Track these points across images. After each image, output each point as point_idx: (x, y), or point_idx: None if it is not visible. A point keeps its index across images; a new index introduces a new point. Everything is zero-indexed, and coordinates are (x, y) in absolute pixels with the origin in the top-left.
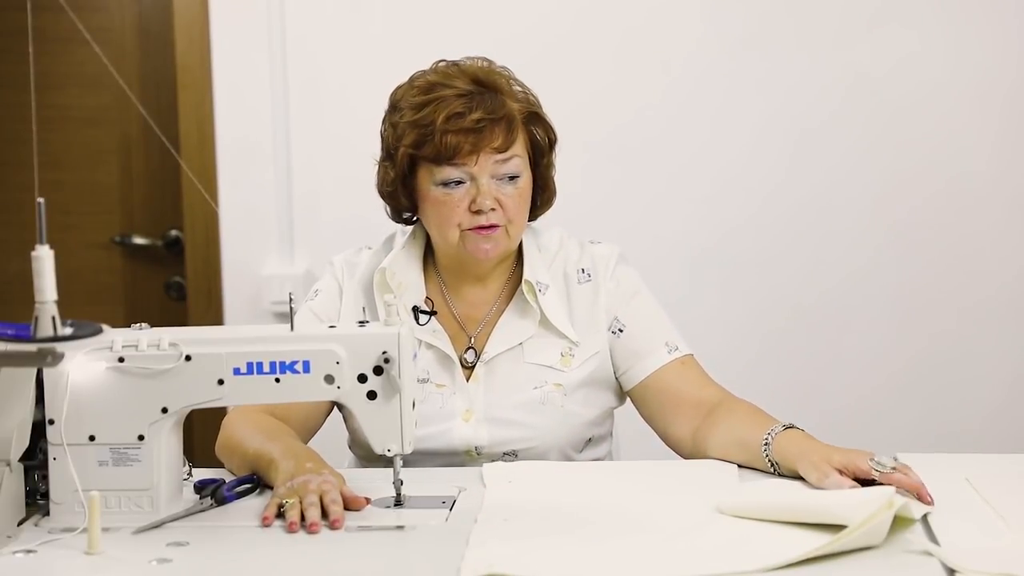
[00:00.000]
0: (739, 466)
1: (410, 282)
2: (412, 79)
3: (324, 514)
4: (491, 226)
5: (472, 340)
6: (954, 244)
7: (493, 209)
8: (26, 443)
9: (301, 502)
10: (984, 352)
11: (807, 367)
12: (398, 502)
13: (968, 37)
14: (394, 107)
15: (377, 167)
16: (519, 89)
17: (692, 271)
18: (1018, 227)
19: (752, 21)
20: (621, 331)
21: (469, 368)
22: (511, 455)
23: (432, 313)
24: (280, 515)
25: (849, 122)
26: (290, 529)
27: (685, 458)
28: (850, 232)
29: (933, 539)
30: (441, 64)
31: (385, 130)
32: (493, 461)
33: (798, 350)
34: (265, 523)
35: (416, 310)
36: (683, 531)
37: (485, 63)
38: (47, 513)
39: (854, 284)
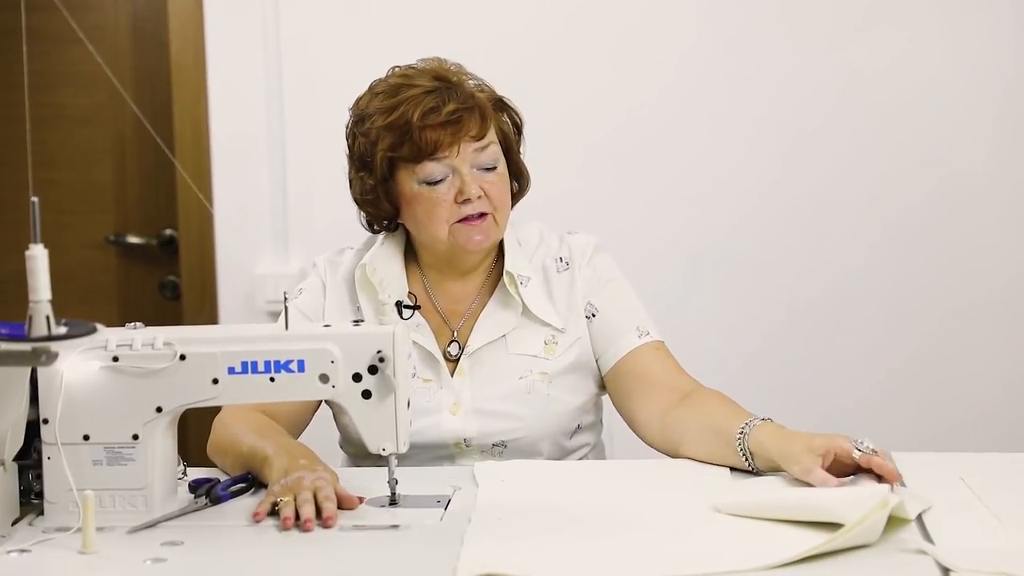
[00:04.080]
0: (716, 464)
1: (392, 277)
2: (372, 88)
3: (318, 512)
4: (480, 215)
5: (455, 334)
6: (949, 244)
7: (480, 197)
8: (20, 442)
9: (295, 499)
10: (980, 351)
11: (803, 367)
12: (393, 501)
13: (963, 36)
14: (361, 118)
15: (351, 181)
16: (475, 82)
17: (687, 271)
18: (1014, 227)
19: (747, 21)
20: (594, 316)
21: (453, 362)
22: (500, 446)
23: (415, 308)
24: (274, 512)
25: (845, 122)
26: (284, 526)
27: (650, 442)
28: (846, 232)
29: (928, 538)
30: (397, 69)
31: (355, 142)
32: (482, 452)
33: (794, 350)
34: (256, 519)
35: (399, 305)
36: (677, 530)
37: (437, 61)
38: (41, 512)
39: (850, 284)
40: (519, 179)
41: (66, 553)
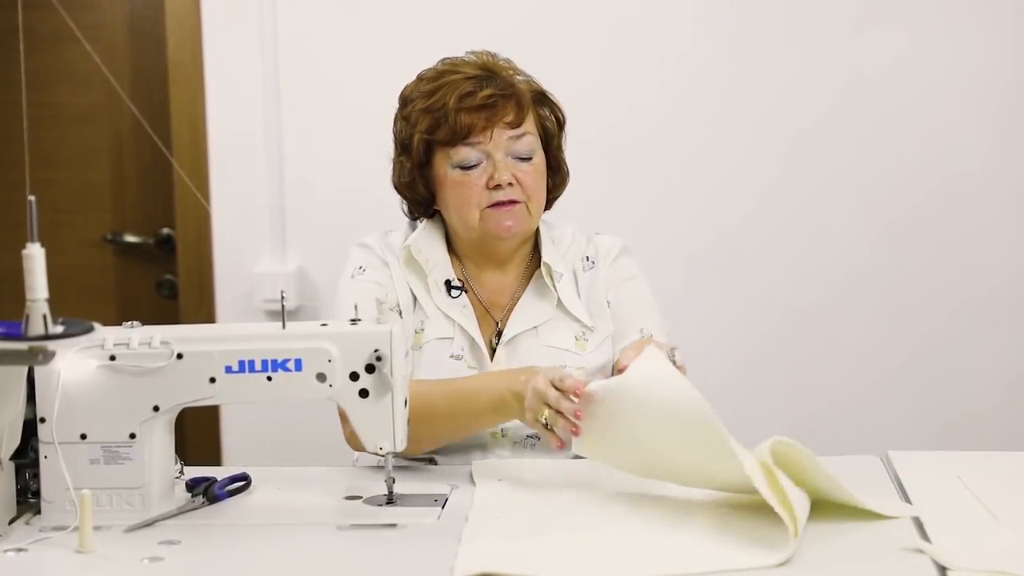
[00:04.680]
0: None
1: (436, 259)
2: (419, 75)
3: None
4: (511, 201)
5: (499, 324)
6: (947, 243)
7: (511, 184)
8: (17, 441)
9: (551, 409)
10: (978, 351)
11: (800, 365)
12: (390, 500)
13: (962, 35)
14: (404, 102)
15: (392, 166)
16: (522, 78)
17: (686, 270)
18: (1011, 226)
19: (746, 20)
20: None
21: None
22: (533, 438)
23: (463, 289)
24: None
25: (843, 121)
26: (559, 447)
27: None
28: (844, 231)
29: (925, 537)
30: (447, 59)
31: (397, 126)
32: (515, 444)
33: (791, 348)
34: (559, 448)
35: (448, 284)
36: (672, 527)
37: (488, 55)
38: (38, 511)
39: (847, 283)
40: (557, 174)
41: (63, 552)
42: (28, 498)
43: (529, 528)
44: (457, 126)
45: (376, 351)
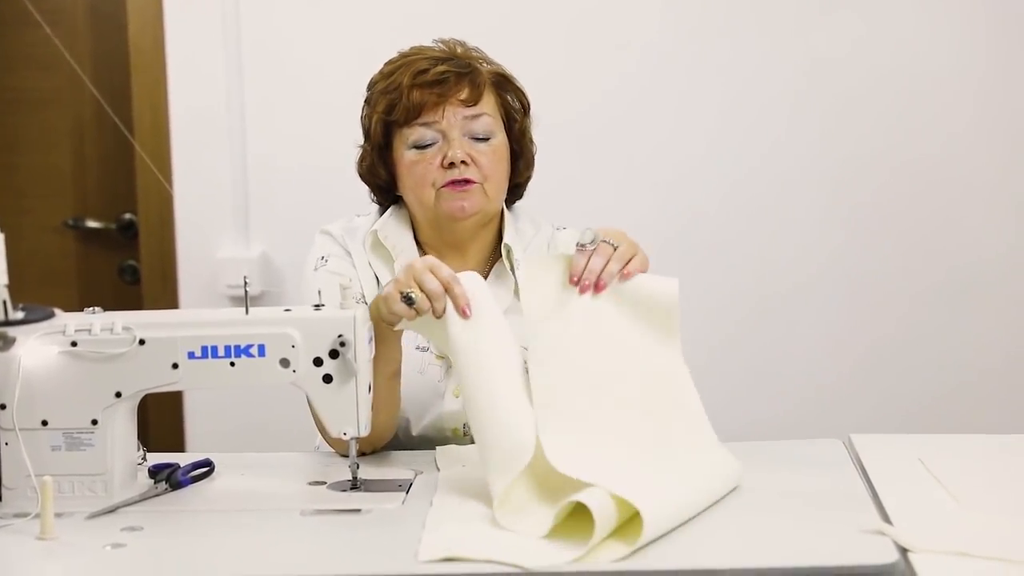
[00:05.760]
0: None
1: (404, 246)
2: (385, 62)
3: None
4: (465, 181)
5: None
6: (908, 231)
7: (465, 163)
8: None
9: (422, 288)
10: (940, 337)
11: (766, 352)
12: (354, 485)
13: (936, 22)
14: (368, 88)
15: (359, 154)
16: (489, 66)
17: (654, 260)
18: (975, 213)
19: (712, 4)
20: None
21: None
22: None
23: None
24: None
25: (810, 109)
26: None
27: None
28: (810, 219)
29: (886, 518)
30: (415, 46)
31: (362, 112)
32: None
33: (758, 336)
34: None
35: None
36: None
37: (457, 43)
38: None
39: (812, 270)
40: (521, 159)
41: (24, 539)
42: None
43: (492, 513)
44: (410, 104)
45: (340, 336)
